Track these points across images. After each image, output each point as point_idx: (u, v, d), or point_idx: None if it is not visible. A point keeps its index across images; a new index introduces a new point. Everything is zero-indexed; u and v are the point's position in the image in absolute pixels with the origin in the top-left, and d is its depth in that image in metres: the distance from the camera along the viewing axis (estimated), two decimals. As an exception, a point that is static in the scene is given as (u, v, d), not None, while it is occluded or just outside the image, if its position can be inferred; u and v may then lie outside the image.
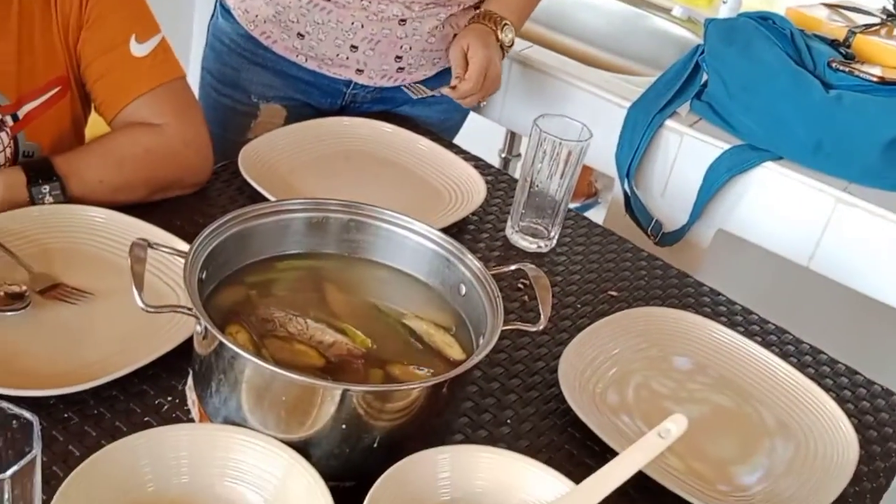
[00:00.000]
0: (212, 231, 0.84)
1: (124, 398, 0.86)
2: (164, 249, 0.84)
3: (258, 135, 1.28)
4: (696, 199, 1.43)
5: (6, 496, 0.59)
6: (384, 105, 1.44)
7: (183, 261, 0.81)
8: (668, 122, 1.46)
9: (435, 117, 1.48)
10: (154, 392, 0.88)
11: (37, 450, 0.60)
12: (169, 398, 0.87)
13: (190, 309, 0.77)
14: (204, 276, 0.83)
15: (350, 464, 0.78)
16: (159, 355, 0.89)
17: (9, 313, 0.92)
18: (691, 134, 1.45)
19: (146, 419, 0.85)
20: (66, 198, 1.05)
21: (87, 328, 0.93)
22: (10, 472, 0.58)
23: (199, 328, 0.79)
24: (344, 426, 0.76)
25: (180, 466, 0.76)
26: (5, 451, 0.63)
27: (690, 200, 1.44)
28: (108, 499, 0.72)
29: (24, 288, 0.94)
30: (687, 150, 1.45)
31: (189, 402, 0.87)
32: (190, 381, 0.87)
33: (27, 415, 0.62)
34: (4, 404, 0.63)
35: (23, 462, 0.59)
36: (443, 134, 1.46)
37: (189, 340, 0.86)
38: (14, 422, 0.63)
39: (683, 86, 1.47)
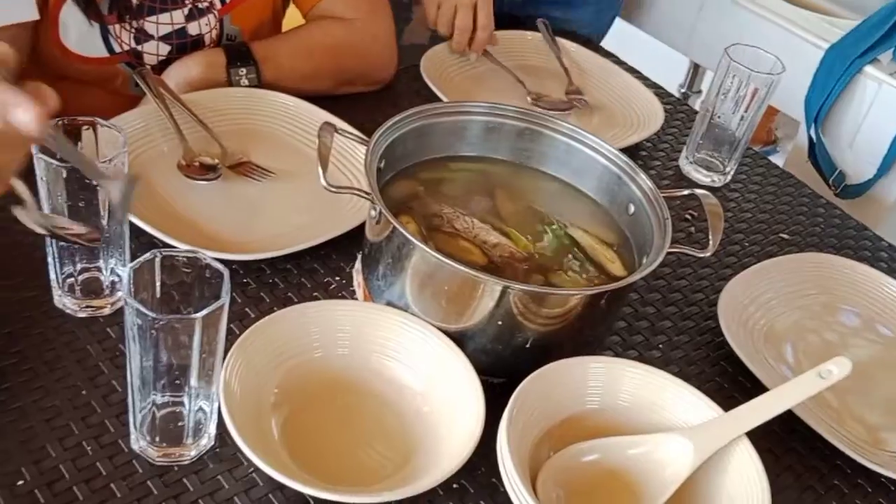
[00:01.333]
0: (394, 123, 0.87)
1: (297, 272, 0.92)
2: (348, 135, 0.88)
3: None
4: (887, 153, 1.36)
5: (197, 335, 0.65)
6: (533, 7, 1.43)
7: (364, 148, 0.84)
8: (867, 69, 1.38)
9: (587, 19, 1.45)
10: (324, 271, 0.93)
11: (226, 298, 0.65)
12: (337, 278, 0.92)
13: (367, 193, 0.80)
14: (381, 165, 0.86)
15: (500, 361, 0.81)
16: (332, 237, 0.93)
17: (202, 182, 0.99)
18: (891, 83, 1.37)
19: (315, 294, 0.90)
20: (260, 82, 1.10)
21: (268, 204, 0.99)
22: (202, 312, 0.64)
23: (373, 213, 0.82)
24: (500, 323, 0.78)
25: (343, 339, 0.80)
26: (200, 296, 0.69)
27: (880, 153, 1.37)
28: (280, 353, 0.78)
29: (216, 161, 1.01)
30: (884, 99, 1.38)
31: (355, 283, 0.91)
32: (357, 264, 0.91)
33: (220, 268, 0.67)
34: (202, 254, 0.68)
35: (213, 307, 0.64)
36: (594, 37, 1.44)
37: (359, 227, 0.91)
38: (208, 272, 0.68)
39: (889, 32, 1.38)
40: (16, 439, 0.72)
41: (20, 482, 0.69)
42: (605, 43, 1.53)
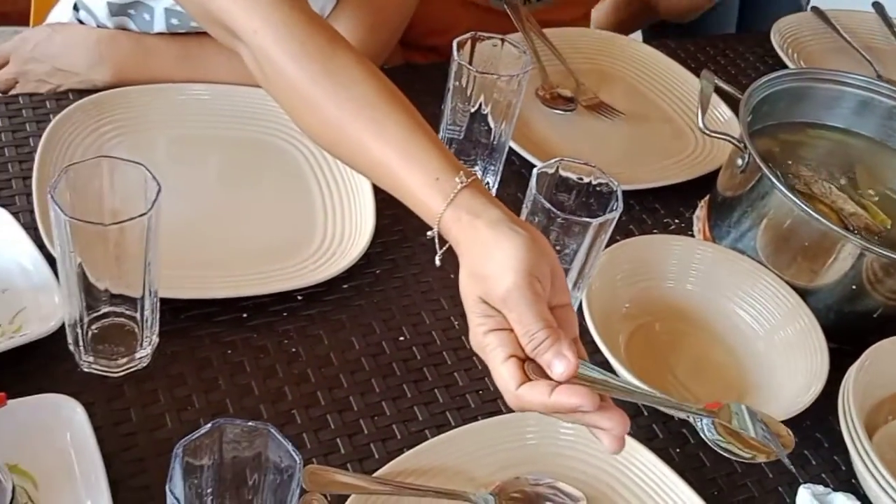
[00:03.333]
0: (768, 80, 0.90)
1: (639, 208, 0.97)
2: (726, 87, 0.92)
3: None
4: None
5: (588, 238, 0.71)
6: None
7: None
8: None
9: None
10: (664, 211, 0.97)
11: (619, 211, 0.72)
12: (676, 220, 0.97)
13: (740, 141, 0.84)
14: (749, 119, 0.89)
15: (844, 324, 0.82)
16: (678, 181, 0.98)
17: (558, 111, 1.06)
18: None
19: (654, 230, 0.95)
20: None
21: (618, 142, 1.04)
22: (597, 220, 0.71)
23: (739, 162, 0.86)
24: (853, 287, 0.80)
25: (695, 276, 0.85)
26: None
27: None
28: (637, 273, 0.84)
29: (571, 95, 1.07)
30: None
31: (695, 228, 0.95)
32: (699, 211, 0.95)
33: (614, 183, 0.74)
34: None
35: (606, 217, 0.71)
36: None
37: (703, 175, 0.95)
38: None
39: None
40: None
41: (401, 338, 0.80)
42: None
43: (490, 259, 0.60)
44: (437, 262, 0.67)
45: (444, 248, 0.66)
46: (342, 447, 0.71)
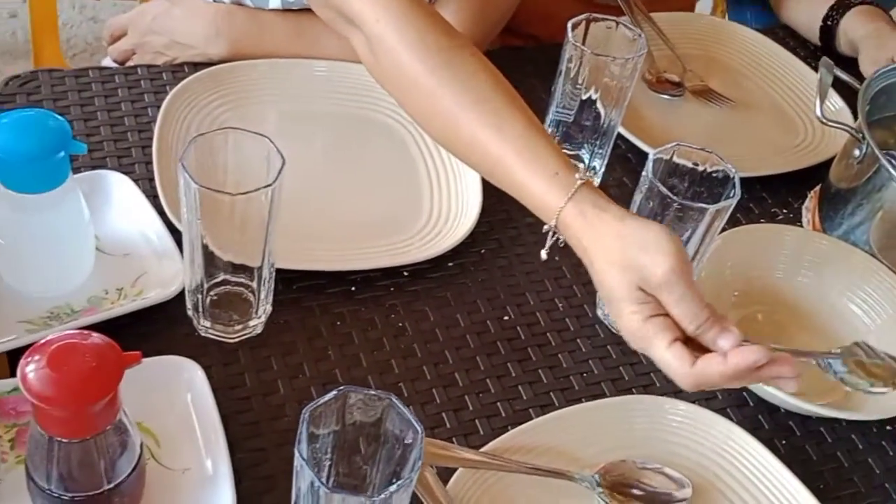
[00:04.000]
0: (889, 70, 0.88)
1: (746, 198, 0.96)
2: (844, 74, 0.90)
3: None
4: None
5: (703, 224, 0.71)
6: None
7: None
8: None
9: None
10: (771, 201, 0.96)
11: (737, 198, 0.71)
12: (784, 210, 0.95)
13: (858, 131, 0.82)
14: (867, 109, 0.87)
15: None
16: (784, 171, 0.96)
17: (665, 96, 1.05)
18: None
19: (761, 219, 0.93)
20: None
21: (730, 129, 1.03)
22: (714, 206, 0.70)
23: (856, 153, 0.84)
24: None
25: (808, 269, 0.84)
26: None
27: None
28: (747, 263, 0.84)
29: (679, 80, 1.06)
30: None
31: (804, 220, 0.93)
32: (809, 202, 0.94)
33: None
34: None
35: (724, 203, 0.70)
36: None
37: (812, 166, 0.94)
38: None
39: None
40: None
41: (506, 317, 0.81)
42: None
43: (640, 247, 0.62)
44: (544, 256, 0.69)
45: (552, 243, 0.67)
46: (448, 422, 0.72)
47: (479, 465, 0.67)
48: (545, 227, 0.68)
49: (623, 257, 0.63)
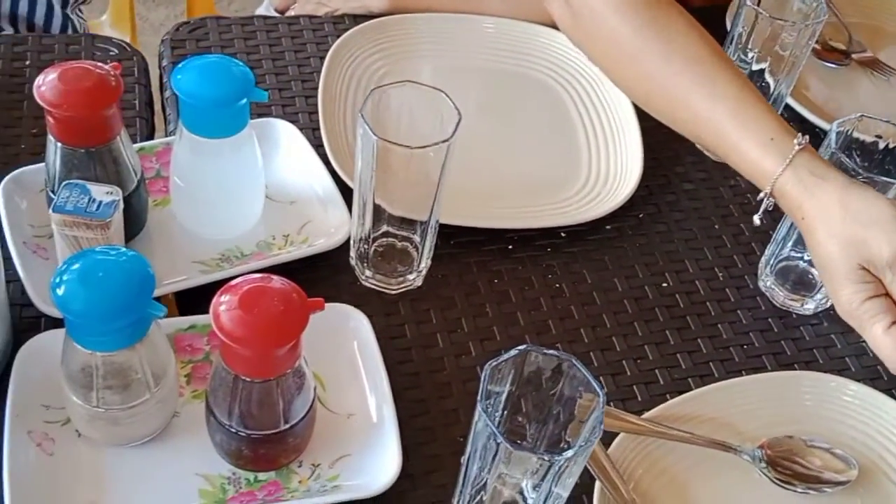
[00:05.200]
0: None
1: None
2: None
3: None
4: None
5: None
6: None
7: None
8: None
9: None
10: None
11: None
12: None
13: None
14: None
15: None
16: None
17: (831, 65, 1.01)
18: None
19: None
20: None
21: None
22: None
23: None
24: None
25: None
26: None
27: None
28: None
29: (844, 48, 1.02)
30: None
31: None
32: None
33: None
34: None
35: None
36: None
37: None
38: None
39: None
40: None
41: (665, 284, 0.80)
42: None
43: (866, 222, 0.60)
44: (757, 222, 0.67)
45: (764, 208, 0.65)
46: (605, 386, 0.72)
47: (642, 431, 0.66)
48: (760, 194, 0.66)
49: (846, 231, 0.60)
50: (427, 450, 0.67)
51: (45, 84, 0.64)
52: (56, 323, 0.67)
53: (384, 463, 0.64)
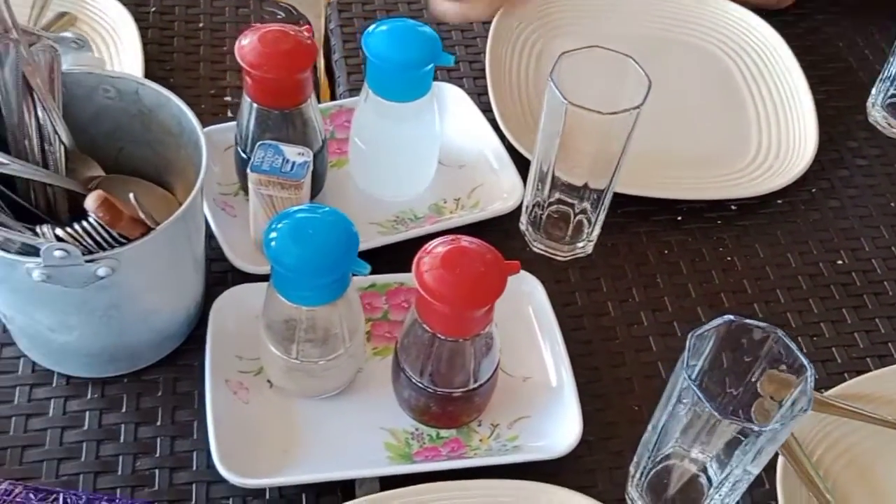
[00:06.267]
0: None
1: None
2: None
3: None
4: None
5: None
6: None
7: None
8: None
9: None
10: None
11: None
12: None
13: None
14: None
15: None
16: None
17: None
18: None
19: None
20: None
21: None
22: None
23: None
24: None
25: None
26: None
27: None
28: None
29: None
30: None
31: None
32: None
33: None
34: None
35: None
36: None
37: None
38: None
39: None
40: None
41: (839, 262, 0.78)
42: None
43: None
44: None
45: None
46: (780, 361, 0.71)
47: (824, 410, 0.65)
48: None
49: None
50: (603, 416, 0.67)
51: (247, 46, 0.66)
52: (243, 277, 0.69)
53: (564, 427, 0.64)
